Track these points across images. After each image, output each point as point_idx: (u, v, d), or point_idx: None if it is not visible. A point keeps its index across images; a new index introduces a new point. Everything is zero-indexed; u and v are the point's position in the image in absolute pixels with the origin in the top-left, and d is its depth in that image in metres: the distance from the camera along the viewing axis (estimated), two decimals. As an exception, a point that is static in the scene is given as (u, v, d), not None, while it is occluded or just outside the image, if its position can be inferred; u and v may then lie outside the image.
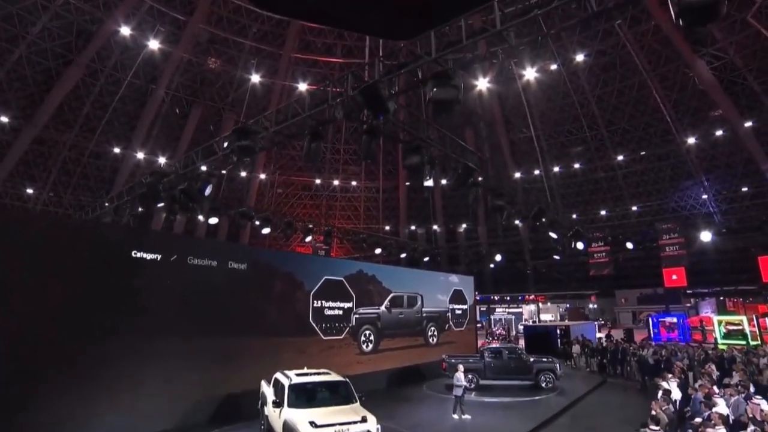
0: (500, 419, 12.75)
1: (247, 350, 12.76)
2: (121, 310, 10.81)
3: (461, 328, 21.44)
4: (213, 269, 12.65)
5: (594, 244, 34.75)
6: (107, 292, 10.69)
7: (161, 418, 10.85)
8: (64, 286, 10.08)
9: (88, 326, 10.22)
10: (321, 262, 16.80)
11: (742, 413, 10.17)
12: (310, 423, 8.13)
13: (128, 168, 32.87)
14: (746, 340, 23.94)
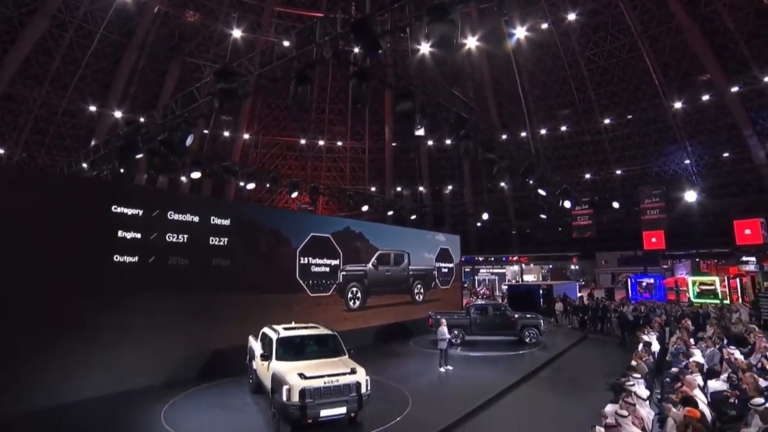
0: (486, 372, 13.03)
1: (233, 307, 12.66)
2: (101, 267, 10.55)
3: (447, 287, 21.68)
4: (195, 225, 12.35)
5: (578, 207, 35.34)
6: (87, 248, 10.39)
7: (148, 374, 10.77)
8: (43, 243, 9.74)
9: (68, 283, 9.97)
10: (307, 219, 16.60)
11: (716, 363, 10.59)
12: (299, 375, 8.09)
13: (105, 127, 31.49)
14: (718, 299, 24.79)
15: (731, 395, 8.73)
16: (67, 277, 9.96)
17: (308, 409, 7.80)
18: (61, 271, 9.90)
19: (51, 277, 9.72)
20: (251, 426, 8.60)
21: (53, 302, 9.68)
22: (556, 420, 9.45)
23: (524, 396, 11.25)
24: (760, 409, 6.81)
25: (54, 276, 9.77)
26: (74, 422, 8.67)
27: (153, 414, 9.05)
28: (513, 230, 38.94)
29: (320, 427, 8.21)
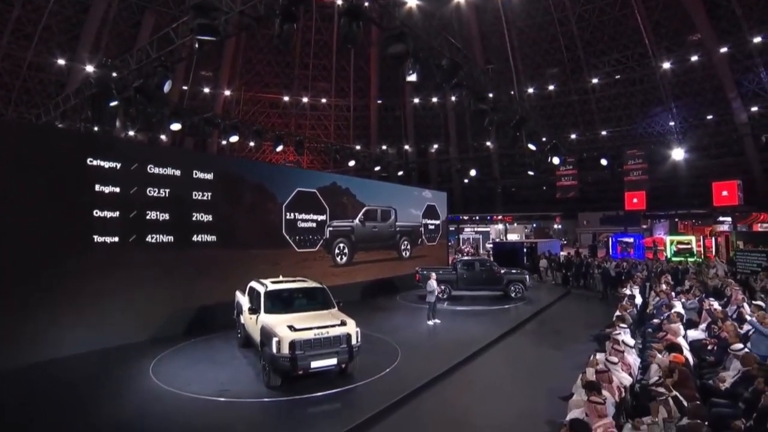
0: (473, 325, 13.22)
1: (218, 262, 12.49)
2: (79, 222, 10.15)
3: (433, 243, 21.75)
4: (177, 179, 11.92)
5: (562, 168, 35.57)
6: (63, 203, 9.93)
7: (133, 330, 10.64)
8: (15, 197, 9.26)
9: (44, 238, 9.56)
10: (293, 174, 16.23)
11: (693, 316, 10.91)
12: (289, 327, 8.01)
13: (76, 82, 29.76)
14: (694, 257, 25.50)
15: (709, 343, 9.04)
16: (43, 232, 9.55)
17: (299, 361, 7.76)
18: (37, 227, 9.47)
19: (26, 233, 9.32)
20: (241, 378, 8.56)
21: (29, 258, 9.33)
22: (542, 369, 9.64)
23: (511, 347, 11.47)
24: (740, 354, 7.02)
25: (29, 232, 9.36)
26: (59, 378, 8.52)
27: (141, 369, 8.95)
28: (499, 188, 39.03)
29: (311, 378, 8.22)
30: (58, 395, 7.74)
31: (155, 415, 6.95)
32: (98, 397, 7.63)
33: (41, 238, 9.49)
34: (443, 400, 8.17)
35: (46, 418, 6.86)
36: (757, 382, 5.73)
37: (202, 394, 7.70)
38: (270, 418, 7.14)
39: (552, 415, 7.16)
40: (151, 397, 7.69)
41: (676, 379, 5.94)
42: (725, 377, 7.15)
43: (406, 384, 8.23)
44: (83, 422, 6.71)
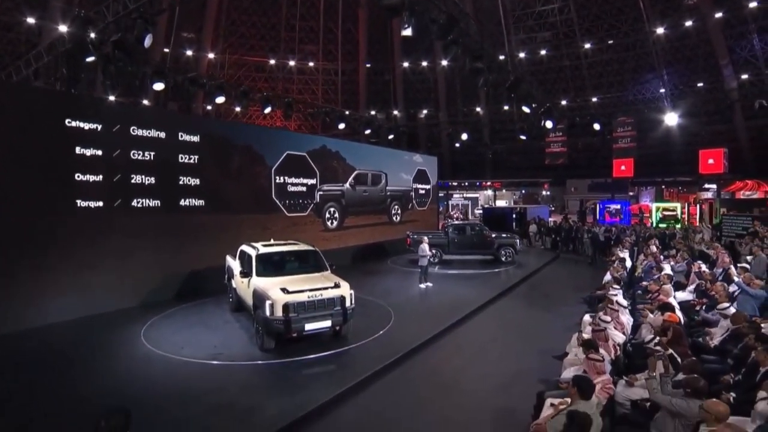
0: (464, 288, 13.31)
1: (207, 227, 12.27)
2: (61, 186, 9.76)
3: (424, 208, 21.70)
4: (161, 141, 11.50)
5: (552, 134, 35.50)
6: (41, 166, 9.47)
7: (121, 296, 10.47)
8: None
9: (23, 203, 9.19)
10: (282, 136, 15.81)
11: (680, 279, 11.09)
12: (282, 289, 7.91)
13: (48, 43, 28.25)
14: (678, 223, 25.90)
15: (697, 304, 9.21)
16: (22, 197, 9.16)
17: (292, 324, 7.69)
18: (15, 191, 9.07)
19: (3, 198, 8.93)
20: (234, 342, 8.51)
21: (9, 224, 8.97)
22: (533, 331, 9.78)
23: (502, 310, 11.59)
24: (729, 313, 7.13)
25: (6, 196, 8.97)
26: (47, 345, 8.37)
27: (132, 334, 8.83)
28: (489, 154, 38.84)
29: (305, 340, 8.20)
30: (47, 361, 7.60)
31: (148, 379, 6.88)
32: (89, 362, 7.53)
33: (20, 202, 9.13)
34: (436, 360, 8.24)
35: (36, 383, 6.74)
36: (748, 339, 5.82)
37: (196, 358, 7.64)
38: (264, 381, 7.11)
39: (545, 374, 7.24)
40: (144, 361, 7.61)
41: (670, 337, 5.99)
42: (713, 335, 7.31)
43: (400, 346, 8.25)
44: (74, 387, 6.60)
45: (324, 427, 5.79)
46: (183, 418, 5.68)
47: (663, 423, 4.52)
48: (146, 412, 5.53)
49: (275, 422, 5.57)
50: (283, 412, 5.84)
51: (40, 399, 6.21)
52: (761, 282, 8.75)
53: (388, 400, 6.58)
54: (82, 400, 6.08)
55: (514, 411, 6.12)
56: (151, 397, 6.19)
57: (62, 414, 5.77)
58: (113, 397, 6.08)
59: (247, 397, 6.37)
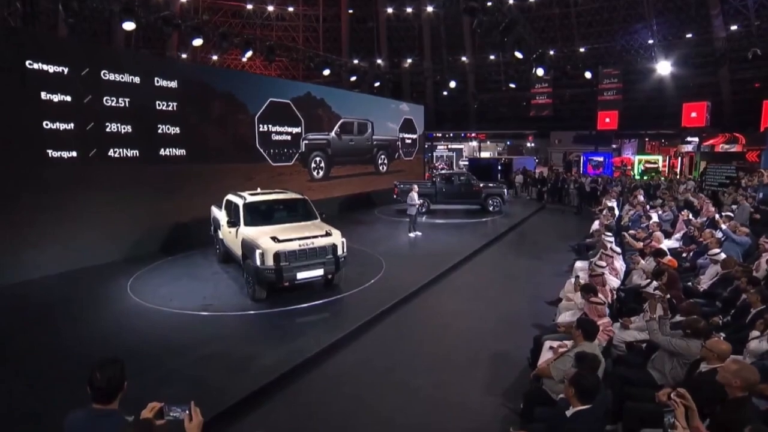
0: (453, 237, 13.34)
1: (190, 177, 11.82)
2: (26, 135, 9.06)
3: (410, 158, 21.42)
4: (136, 87, 10.77)
5: (537, 86, 35.02)
6: (2, 112, 8.70)
7: (104, 250, 10.09)
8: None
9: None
10: (264, 83, 15.06)
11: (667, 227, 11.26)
12: (272, 238, 7.71)
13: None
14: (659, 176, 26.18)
15: (684, 251, 9.38)
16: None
17: (284, 273, 7.55)
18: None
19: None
20: (224, 293, 8.37)
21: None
22: (524, 277, 9.88)
23: (491, 257, 11.67)
24: (720, 258, 7.24)
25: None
26: (31, 300, 8.07)
27: (117, 288, 8.58)
28: (476, 104, 38.20)
29: (296, 290, 8.10)
30: (30, 317, 7.32)
31: (139, 331, 6.71)
32: (74, 316, 7.31)
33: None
34: (430, 306, 8.28)
35: (20, 340, 6.52)
36: (741, 282, 5.92)
37: (186, 310, 7.49)
38: (258, 330, 7.03)
39: (538, 319, 7.35)
40: (132, 314, 7.42)
41: (665, 281, 6.05)
42: (700, 280, 7.46)
43: (393, 293, 8.24)
44: (62, 342, 6.38)
45: (322, 374, 5.78)
46: (178, 369, 5.59)
47: (661, 362, 4.59)
48: (140, 364, 5.44)
49: (273, 371, 5.52)
50: (280, 360, 5.79)
51: (27, 355, 6.01)
52: (746, 230, 8.89)
53: (385, 346, 6.60)
54: (72, 355, 5.92)
55: (509, 354, 6.20)
56: (144, 349, 6.05)
57: (53, 369, 5.61)
58: (104, 351, 5.92)
59: (241, 346, 6.29)
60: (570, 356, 4.23)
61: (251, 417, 4.80)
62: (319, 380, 5.62)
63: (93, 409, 2.39)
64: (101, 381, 2.36)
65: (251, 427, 4.62)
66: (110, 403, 2.41)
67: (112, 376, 2.40)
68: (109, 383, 2.38)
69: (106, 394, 2.39)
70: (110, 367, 2.42)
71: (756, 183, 12.39)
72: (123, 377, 2.45)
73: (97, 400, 2.39)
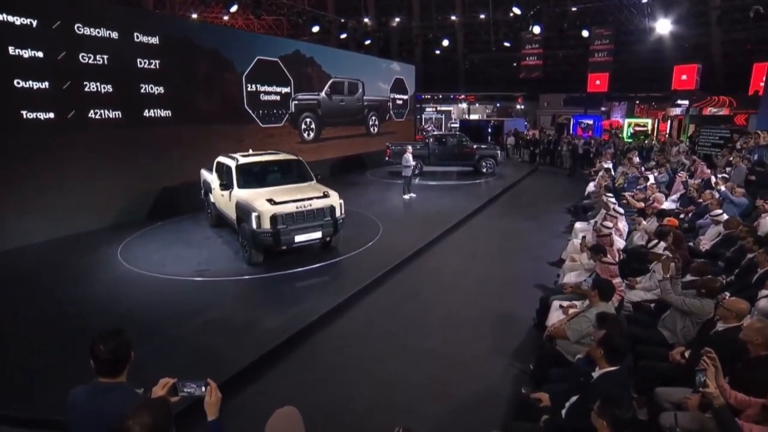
0: (449, 199, 13.23)
1: (177, 140, 11.33)
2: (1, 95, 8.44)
3: (401, 119, 20.98)
4: (115, 43, 10.07)
5: (528, 46, 34.29)
6: None
7: (89, 216, 9.68)
8: None
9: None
10: (251, 40, 14.26)
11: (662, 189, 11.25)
12: (268, 200, 7.46)
13: None
14: (648, 139, 26.19)
15: (682, 212, 9.37)
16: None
17: (282, 236, 7.35)
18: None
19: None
20: (219, 258, 8.15)
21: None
22: (523, 238, 9.83)
23: (489, 218, 11.61)
24: (722, 219, 7.22)
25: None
26: (17, 268, 7.75)
27: (107, 254, 8.28)
28: (467, 64, 37.39)
29: (293, 253, 7.92)
30: (19, 285, 7.03)
31: (134, 299, 6.50)
32: (65, 285, 7.01)
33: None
34: (430, 268, 8.19)
35: (11, 308, 6.27)
36: (747, 242, 5.89)
37: (180, 276, 7.28)
38: (258, 294, 6.90)
39: (540, 279, 7.33)
40: (125, 280, 7.17)
41: (671, 241, 6.00)
42: (700, 240, 7.46)
43: (393, 255, 8.12)
44: (54, 310, 6.15)
45: (327, 338, 5.68)
46: (179, 336, 5.42)
47: (672, 322, 4.56)
48: (139, 332, 5.24)
49: (277, 336, 5.37)
50: (282, 326, 5.65)
51: (19, 326, 5.77)
52: (743, 190, 8.90)
53: (389, 308, 6.51)
54: (67, 324, 5.73)
55: (513, 315, 6.18)
56: (141, 317, 5.87)
57: (47, 338, 5.41)
58: (100, 319, 5.75)
59: (241, 312, 6.15)
60: (586, 317, 4.16)
61: (258, 384, 4.67)
62: (323, 345, 5.52)
63: (98, 383, 2.18)
64: (106, 352, 2.14)
65: (259, 393, 4.51)
66: (118, 376, 2.20)
67: (118, 346, 2.18)
68: (115, 354, 2.16)
69: (113, 365, 2.17)
70: (114, 336, 2.20)
71: (752, 144, 12.37)
72: (129, 347, 2.23)
73: (103, 373, 2.17)
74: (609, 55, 31.26)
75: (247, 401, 4.37)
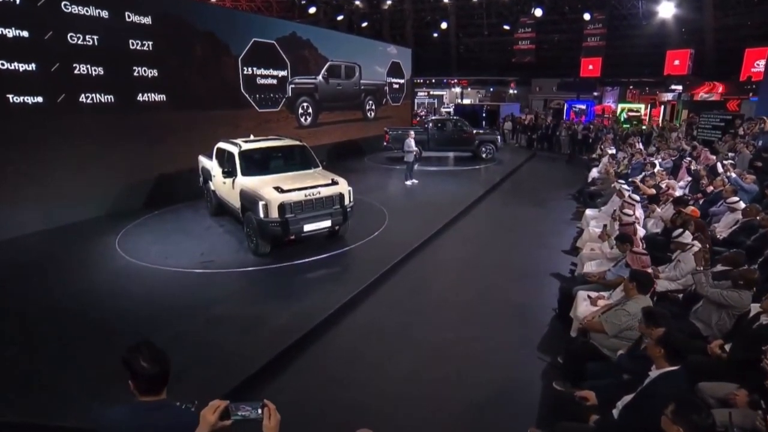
0: (451, 185, 13.04)
1: (172, 125, 10.87)
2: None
3: (398, 104, 20.62)
4: (105, 23, 9.54)
5: (520, 30, 33.98)
6: None
7: (82, 205, 9.25)
8: None
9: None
10: (246, 21, 13.65)
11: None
12: (275, 188, 7.16)
13: None
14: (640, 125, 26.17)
15: (691, 199, 9.27)
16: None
17: (290, 225, 7.09)
18: None
19: None
20: (222, 248, 7.85)
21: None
22: (531, 225, 9.68)
23: (494, 205, 11.47)
24: (740, 206, 7.12)
25: None
26: (13, 259, 7.40)
27: (104, 246, 7.90)
28: (461, 47, 36.93)
29: (300, 243, 7.67)
30: (14, 276, 6.70)
31: (135, 292, 6.18)
32: (62, 277, 6.66)
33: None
34: (441, 257, 8.01)
35: (8, 300, 5.96)
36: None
37: (184, 268, 6.97)
38: (265, 287, 6.58)
39: (554, 268, 7.20)
40: (125, 274, 6.82)
41: (693, 230, 5.88)
42: (715, 228, 7.36)
43: (402, 244, 7.91)
44: (53, 303, 5.85)
45: (338, 333, 5.44)
46: (187, 332, 5.14)
47: (707, 314, 4.44)
48: (146, 328, 5.05)
49: (289, 333, 5.10)
50: (293, 321, 5.39)
51: (16, 321, 5.47)
52: (753, 177, 8.82)
53: (402, 300, 6.32)
54: (68, 318, 5.45)
55: (531, 305, 6.04)
56: (146, 312, 5.60)
57: (47, 330, 5.14)
58: (102, 315, 5.48)
59: (250, 306, 5.90)
60: (625, 310, 4.02)
61: (274, 383, 4.45)
62: (336, 340, 5.30)
63: (142, 403, 1.95)
64: (149, 368, 1.91)
65: (277, 390, 4.28)
66: (161, 393, 1.99)
67: (160, 360, 1.96)
68: (161, 368, 1.94)
69: (159, 382, 1.96)
70: (151, 349, 1.97)
71: (756, 130, 12.31)
72: (169, 359, 2.01)
73: (145, 392, 1.95)
74: (602, 39, 31.20)
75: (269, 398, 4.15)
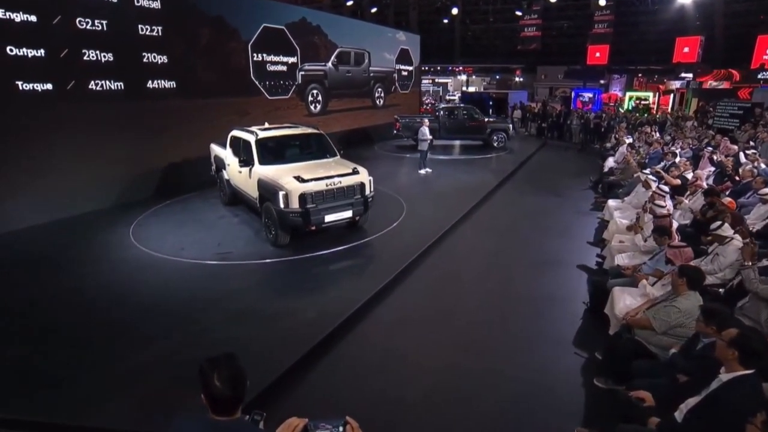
0: (465, 174, 12.85)
1: (182, 113, 10.68)
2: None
3: (407, 91, 20.36)
4: (113, 7, 9.25)
5: (526, 17, 33.50)
6: None
7: (93, 195, 9.08)
8: None
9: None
10: (255, 5, 13.35)
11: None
12: (296, 178, 6.97)
13: None
14: (648, 113, 25.88)
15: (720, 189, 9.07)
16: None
17: (311, 215, 6.91)
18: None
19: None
20: (238, 239, 7.68)
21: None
22: (551, 216, 9.49)
23: (510, 195, 11.29)
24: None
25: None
26: (26, 250, 7.24)
27: (118, 236, 7.74)
28: (469, 32, 36.42)
29: (318, 234, 7.49)
30: (29, 268, 6.53)
31: (154, 285, 6.03)
32: (77, 268, 6.50)
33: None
34: (463, 248, 7.87)
35: (24, 293, 5.82)
36: (810, 223, 5.62)
37: (201, 259, 6.80)
38: (287, 280, 6.38)
39: (579, 259, 7.05)
40: (141, 265, 6.65)
41: (730, 222, 5.71)
42: (747, 220, 7.18)
43: (423, 235, 7.75)
44: (69, 296, 5.71)
45: (367, 326, 5.28)
46: (207, 328, 4.97)
47: (755, 311, 4.27)
48: (168, 323, 4.98)
49: (315, 330, 4.91)
50: (321, 315, 5.23)
51: (33, 312, 5.34)
52: (784, 168, 8.63)
53: (429, 292, 6.18)
54: (86, 312, 5.33)
55: (561, 298, 5.89)
56: (167, 306, 5.46)
57: (66, 326, 5.01)
58: (121, 310, 5.34)
59: (273, 300, 5.73)
60: (676, 307, 3.87)
61: (306, 381, 4.30)
62: (365, 335, 5.12)
63: (213, 420, 1.78)
64: (224, 390, 1.73)
65: (301, 397, 4.09)
66: (234, 414, 1.80)
67: (238, 380, 1.77)
68: (235, 389, 1.75)
69: (230, 406, 1.78)
70: (230, 366, 1.78)
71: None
72: (246, 377, 1.82)
73: (219, 412, 1.78)
74: (609, 26, 30.77)
75: (300, 400, 4.03)
